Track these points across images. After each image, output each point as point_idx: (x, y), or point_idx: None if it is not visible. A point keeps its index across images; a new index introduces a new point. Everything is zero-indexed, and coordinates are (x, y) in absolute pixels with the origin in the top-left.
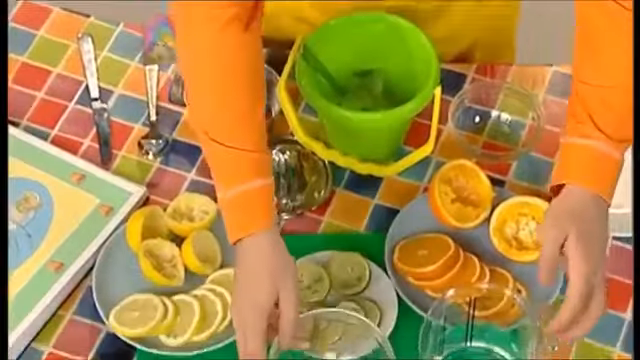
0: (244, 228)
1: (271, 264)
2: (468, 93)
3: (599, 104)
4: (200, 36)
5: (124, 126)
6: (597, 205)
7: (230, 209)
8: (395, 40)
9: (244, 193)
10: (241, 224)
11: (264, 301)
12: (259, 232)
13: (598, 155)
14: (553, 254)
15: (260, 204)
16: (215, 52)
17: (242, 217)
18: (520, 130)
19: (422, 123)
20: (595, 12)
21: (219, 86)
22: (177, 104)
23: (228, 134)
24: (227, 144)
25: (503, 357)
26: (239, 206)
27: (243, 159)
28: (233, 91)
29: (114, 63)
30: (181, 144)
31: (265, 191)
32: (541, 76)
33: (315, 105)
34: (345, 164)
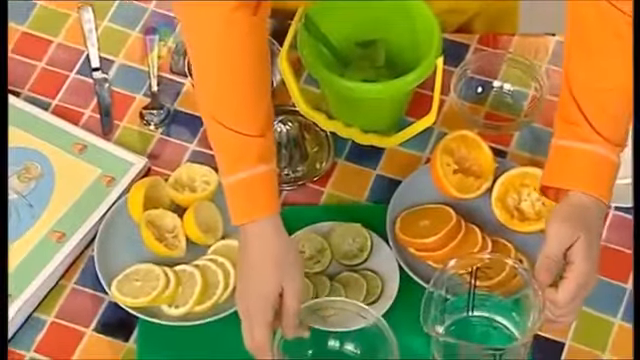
0: (248, 214)
1: (276, 254)
2: (470, 64)
3: (596, 107)
4: (208, 20)
5: (125, 96)
6: (599, 210)
7: (234, 194)
8: (397, 10)
9: (248, 179)
10: (245, 210)
11: (269, 292)
12: (264, 219)
13: (598, 159)
14: (558, 253)
15: (264, 190)
16: (223, 37)
17: (246, 203)
18: (522, 100)
19: (424, 94)
20: (589, 13)
21: (227, 71)
22: (178, 74)
23: (234, 119)
24: (233, 128)
25: (505, 326)
26: (243, 192)
27: (248, 144)
28: (240, 76)
29: (115, 33)
30: (183, 114)
31: (269, 177)
32: (544, 46)
33: (317, 76)
34: (347, 135)
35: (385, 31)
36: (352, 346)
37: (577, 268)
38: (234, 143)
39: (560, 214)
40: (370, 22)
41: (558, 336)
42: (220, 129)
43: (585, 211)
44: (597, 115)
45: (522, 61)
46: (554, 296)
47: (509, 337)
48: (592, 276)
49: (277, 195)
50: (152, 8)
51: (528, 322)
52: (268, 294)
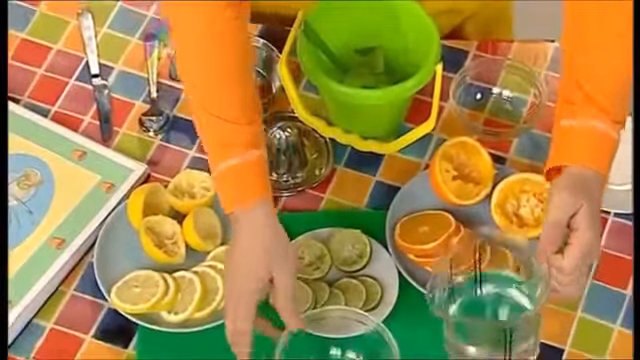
0: (239, 199)
1: (266, 240)
2: (469, 70)
3: (595, 86)
4: (192, 17)
5: (125, 103)
6: (598, 182)
7: (224, 181)
8: (396, 17)
9: (238, 165)
10: (236, 195)
11: (258, 277)
12: (254, 204)
13: (598, 135)
14: (562, 221)
15: (254, 175)
16: (207, 31)
17: (237, 188)
18: (521, 107)
19: (423, 100)
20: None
21: (212, 63)
22: (178, 80)
23: (222, 108)
24: (222, 117)
25: (515, 300)
26: (233, 177)
27: (237, 131)
28: (225, 67)
29: (114, 39)
30: (182, 121)
31: (259, 162)
32: (542, 52)
33: (316, 82)
34: (346, 141)
35: (384, 38)
36: (354, 353)
37: (582, 235)
38: (223, 131)
39: (561, 184)
40: (369, 29)
41: (558, 342)
42: (210, 119)
43: (586, 181)
44: (596, 93)
45: (521, 67)
46: (560, 262)
47: (520, 310)
48: (596, 246)
49: (268, 181)
50: (151, 14)
51: (536, 293)
52: (256, 279)
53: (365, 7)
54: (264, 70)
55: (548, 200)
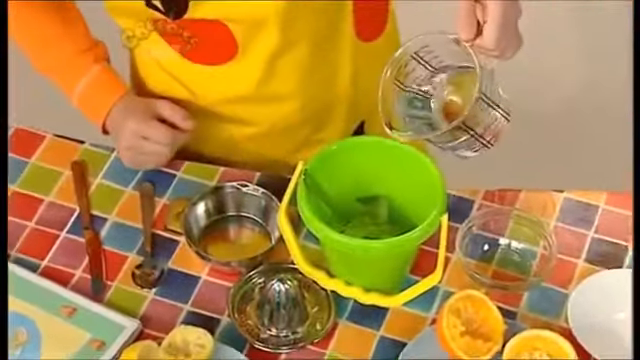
0: (107, 102)
1: (140, 99)
2: (476, 220)
3: None
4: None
5: (117, 255)
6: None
7: (86, 98)
8: (399, 166)
9: (92, 79)
10: (103, 99)
11: (145, 106)
12: (119, 100)
13: None
14: (470, 5)
15: (111, 78)
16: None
17: (99, 97)
18: (531, 259)
19: (429, 251)
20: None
21: (35, 28)
22: (173, 232)
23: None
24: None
25: None
26: (92, 92)
27: (79, 57)
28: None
29: (108, 190)
30: (177, 274)
31: (106, 69)
32: (551, 203)
33: (317, 232)
34: (348, 294)
35: (387, 187)
36: None
37: (491, 8)
38: (67, 60)
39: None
40: (372, 178)
41: None
42: (55, 59)
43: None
44: None
45: (529, 218)
46: (481, 41)
47: None
48: (511, 12)
49: (121, 80)
50: None
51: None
52: (144, 108)
53: (367, 156)
54: (263, 219)
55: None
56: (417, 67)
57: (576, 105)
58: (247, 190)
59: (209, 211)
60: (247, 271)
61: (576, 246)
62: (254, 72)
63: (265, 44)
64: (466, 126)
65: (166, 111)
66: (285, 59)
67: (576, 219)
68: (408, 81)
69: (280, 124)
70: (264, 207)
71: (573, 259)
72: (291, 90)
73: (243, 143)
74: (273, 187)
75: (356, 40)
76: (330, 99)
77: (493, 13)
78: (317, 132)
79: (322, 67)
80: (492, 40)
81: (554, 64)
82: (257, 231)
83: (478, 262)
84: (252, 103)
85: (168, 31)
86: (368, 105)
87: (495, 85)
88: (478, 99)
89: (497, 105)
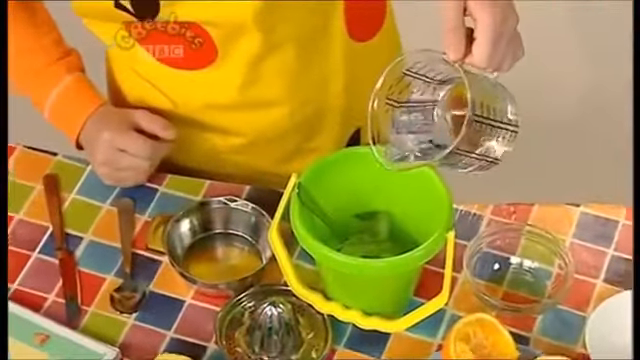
0: (78, 117)
1: (116, 109)
2: (485, 237)
3: None
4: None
5: (94, 277)
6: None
7: (58, 111)
8: (400, 177)
9: (64, 90)
10: (74, 115)
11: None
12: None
13: None
14: (456, 19)
15: (85, 89)
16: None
17: (72, 109)
18: (545, 279)
19: (434, 271)
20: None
21: None
22: (155, 251)
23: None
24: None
25: None
26: (64, 103)
27: (50, 68)
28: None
29: (83, 206)
30: (159, 297)
31: (80, 79)
32: (567, 218)
33: (312, 251)
34: (347, 318)
35: (388, 201)
36: None
37: (481, 22)
38: (38, 71)
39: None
40: (371, 191)
41: None
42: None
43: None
44: None
45: (543, 235)
46: (471, 60)
47: None
48: (503, 23)
49: (95, 91)
50: None
51: None
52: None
53: (366, 168)
54: (253, 237)
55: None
56: (413, 81)
57: (586, 109)
58: (235, 205)
59: (194, 228)
60: (236, 294)
61: (594, 265)
62: (236, 77)
63: (246, 47)
64: (463, 150)
65: (144, 121)
66: (269, 62)
67: (594, 235)
68: (404, 96)
69: (268, 133)
70: (254, 224)
71: (591, 279)
72: (277, 96)
73: (229, 154)
74: (264, 202)
75: (349, 40)
76: (322, 104)
77: (483, 28)
78: (309, 140)
79: (311, 70)
80: (483, 59)
81: (557, 68)
82: (247, 250)
83: (488, 283)
84: (236, 110)
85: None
86: (364, 110)
87: (499, 98)
88: (470, 124)
89: (499, 120)
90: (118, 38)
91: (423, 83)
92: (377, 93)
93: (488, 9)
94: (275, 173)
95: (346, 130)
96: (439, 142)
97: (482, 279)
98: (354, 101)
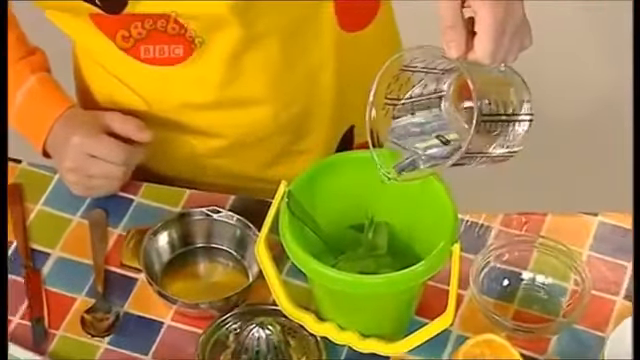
0: (44, 121)
1: (85, 112)
2: (494, 250)
3: None
4: None
5: (63, 297)
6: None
7: (22, 115)
8: (401, 185)
9: (28, 92)
10: (40, 119)
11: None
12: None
13: None
14: (454, 15)
15: (50, 90)
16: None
17: (37, 113)
18: (560, 296)
19: (438, 288)
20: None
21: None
22: (130, 268)
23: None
24: None
25: None
26: (29, 106)
27: (12, 67)
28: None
29: (51, 218)
30: (134, 319)
31: (45, 80)
32: (584, 228)
33: (303, 267)
34: (342, 341)
35: (387, 211)
36: None
37: (481, 18)
38: None
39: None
40: (368, 200)
41: None
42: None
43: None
44: None
45: (557, 247)
46: (474, 56)
47: None
48: (507, 16)
49: (63, 93)
50: None
51: None
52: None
53: (363, 174)
54: (238, 252)
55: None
56: (413, 76)
57: (604, 109)
58: (219, 217)
59: (173, 242)
60: (220, 314)
61: (614, 280)
62: (214, 73)
63: (225, 40)
64: (472, 153)
65: (117, 123)
66: (251, 57)
67: (613, 248)
68: (404, 92)
69: (251, 134)
70: (239, 237)
71: (610, 296)
72: (261, 93)
73: (208, 158)
74: (250, 212)
75: (339, 31)
76: (310, 101)
77: (484, 21)
78: (296, 142)
79: (298, 64)
80: (486, 55)
81: (571, 67)
82: (231, 266)
83: (497, 300)
84: (215, 110)
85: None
86: (357, 106)
87: (509, 87)
88: (479, 123)
89: (512, 113)
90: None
91: (425, 75)
92: (374, 96)
93: (490, 4)
94: (261, 178)
95: (338, 129)
96: (450, 137)
97: (491, 296)
98: (346, 96)
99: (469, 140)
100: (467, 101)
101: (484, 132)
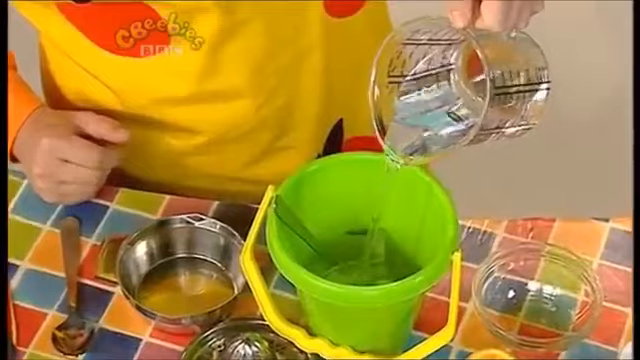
0: (11, 123)
1: (55, 112)
2: (498, 259)
3: None
4: None
5: (32, 312)
6: None
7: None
8: (398, 189)
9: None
10: None
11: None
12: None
13: None
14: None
15: (14, 94)
16: None
17: None
18: (569, 309)
19: (438, 300)
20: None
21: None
22: (106, 280)
23: None
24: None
25: None
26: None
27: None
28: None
29: (19, 227)
30: (110, 335)
31: (11, 80)
32: (595, 235)
33: (292, 278)
34: (334, 357)
35: (384, 218)
36: None
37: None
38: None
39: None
40: (363, 206)
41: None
42: None
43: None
44: None
45: (566, 255)
46: (482, 24)
47: None
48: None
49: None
50: None
51: None
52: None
53: (357, 178)
54: (222, 262)
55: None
56: (417, 49)
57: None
58: (201, 224)
59: (152, 253)
60: (203, 330)
61: (626, 291)
62: (192, 65)
63: (204, 28)
64: (487, 129)
65: (90, 123)
66: (232, 46)
67: (626, 255)
68: (408, 67)
69: (232, 129)
70: (223, 246)
71: (623, 308)
72: (242, 85)
73: (188, 156)
74: (235, 220)
75: (326, 16)
76: (295, 93)
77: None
78: (281, 137)
79: (282, 53)
80: (495, 22)
81: (582, 66)
82: (215, 278)
83: (501, 313)
84: (193, 104)
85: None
86: (346, 97)
87: (523, 55)
88: (491, 100)
89: (528, 83)
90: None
91: (429, 48)
92: (375, 74)
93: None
94: (245, 178)
95: (325, 123)
96: (462, 113)
97: (494, 309)
98: (333, 87)
99: (483, 115)
100: (478, 74)
101: (498, 105)
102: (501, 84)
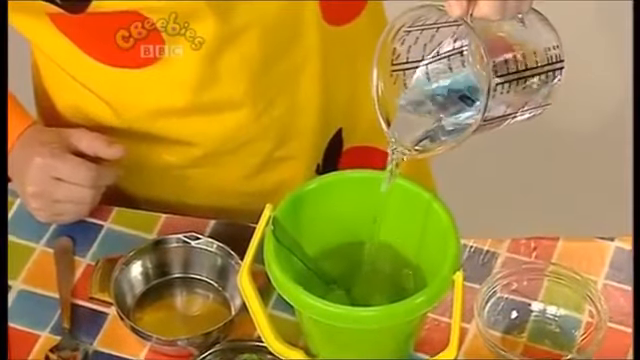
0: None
1: (48, 129)
2: (500, 279)
3: None
4: None
5: (25, 334)
6: None
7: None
8: (398, 208)
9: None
10: None
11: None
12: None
13: None
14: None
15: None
16: None
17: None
18: (574, 329)
19: (439, 321)
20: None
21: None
22: (100, 301)
23: None
24: None
25: None
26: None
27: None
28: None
29: (12, 247)
30: (105, 357)
31: None
32: (599, 254)
33: (290, 299)
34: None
35: (383, 236)
36: None
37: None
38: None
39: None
40: (362, 225)
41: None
42: None
43: None
44: None
45: (570, 275)
46: (480, 13)
47: None
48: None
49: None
50: None
51: None
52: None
53: (356, 197)
54: (219, 283)
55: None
56: (421, 35)
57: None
58: (197, 244)
59: (147, 273)
60: (199, 351)
61: (632, 311)
62: (188, 75)
63: (201, 33)
64: (498, 117)
65: (83, 139)
66: (228, 55)
67: (632, 275)
68: (414, 54)
69: (230, 141)
70: (220, 266)
71: (628, 329)
72: (240, 95)
73: (185, 170)
74: (232, 239)
75: (323, 24)
76: (293, 102)
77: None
78: (280, 147)
79: (280, 62)
80: (492, 10)
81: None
82: (212, 298)
83: (504, 335)
84: (189, 116)
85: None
86: (345, 106)
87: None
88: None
89: (534, 67)
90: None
91: (437, 31)
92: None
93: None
94: (244, 192)
95: (325, 133)
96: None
97: (497, 330)
98: (332, 96)
99: (484, 109)
100: (496, 55)
101: (512, 89)
102: (514, 69)
